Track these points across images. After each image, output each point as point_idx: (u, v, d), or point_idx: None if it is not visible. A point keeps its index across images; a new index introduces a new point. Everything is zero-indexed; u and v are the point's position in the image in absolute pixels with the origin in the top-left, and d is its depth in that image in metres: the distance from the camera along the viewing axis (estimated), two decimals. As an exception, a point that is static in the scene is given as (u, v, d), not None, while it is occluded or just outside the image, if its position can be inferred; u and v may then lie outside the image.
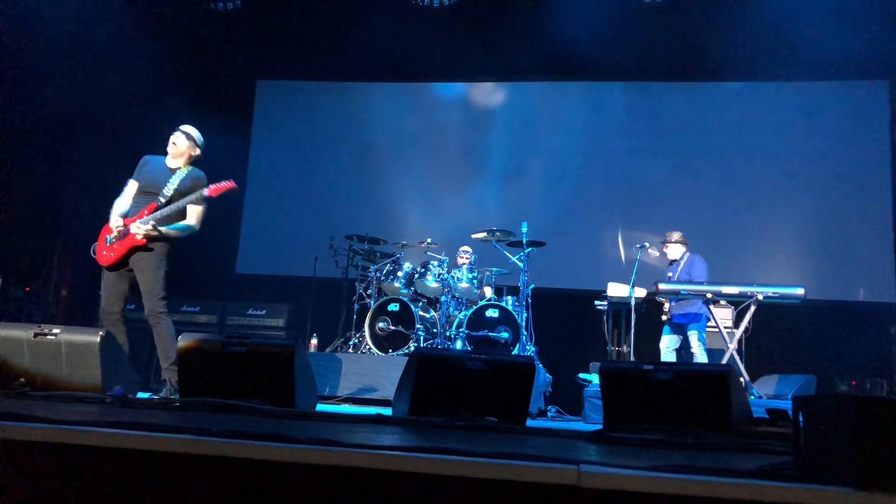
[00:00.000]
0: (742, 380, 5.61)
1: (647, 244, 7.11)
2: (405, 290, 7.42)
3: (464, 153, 9.66)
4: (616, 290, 6.93)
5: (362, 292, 7.75)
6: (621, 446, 2.63)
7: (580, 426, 4.92)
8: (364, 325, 7.19)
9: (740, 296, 6.07)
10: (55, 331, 3.89)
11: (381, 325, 7.12)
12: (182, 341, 3.83)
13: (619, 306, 7.16)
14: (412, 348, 6.80)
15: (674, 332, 7.04)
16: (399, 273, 7.46)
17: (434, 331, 7.22)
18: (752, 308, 6.05)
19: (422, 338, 7.04)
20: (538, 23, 8.65)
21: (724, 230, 8.71)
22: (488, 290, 7.74)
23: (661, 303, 6.99)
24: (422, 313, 7.21)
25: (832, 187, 8.64)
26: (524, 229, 7.09)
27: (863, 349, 7.56)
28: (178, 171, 4.86)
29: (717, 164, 9.01)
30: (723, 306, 7.02)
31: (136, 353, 4.91)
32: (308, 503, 1.85)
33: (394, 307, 7.15)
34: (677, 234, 7.23)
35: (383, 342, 7.07)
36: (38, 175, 8.28)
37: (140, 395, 4.39)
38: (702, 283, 6.47)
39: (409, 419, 3.37)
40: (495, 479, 1.74)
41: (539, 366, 6.50)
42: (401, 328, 7.04)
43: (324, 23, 9.03)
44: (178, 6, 8.84)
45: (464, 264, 7.52)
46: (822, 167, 8.73)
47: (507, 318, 7.00)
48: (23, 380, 3.81)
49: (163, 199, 4.75)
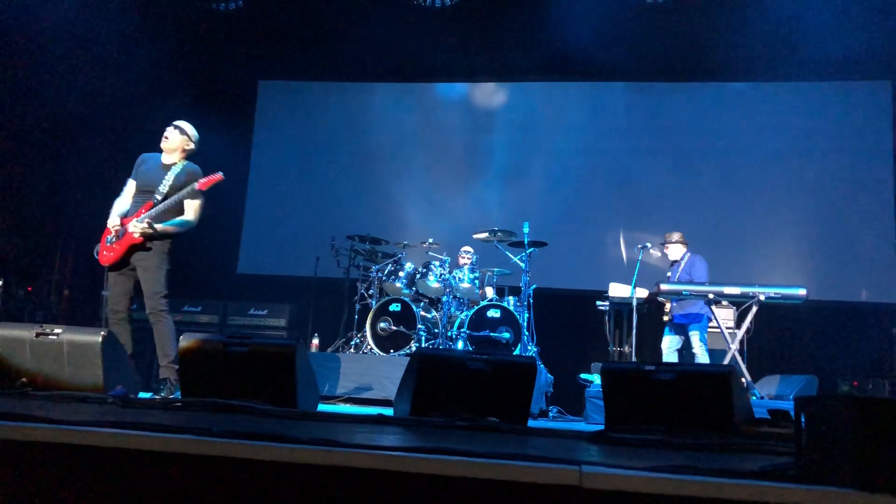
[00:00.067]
0: (744, 380, 5.61)
1: (648, 244, 7.12)
2: (407, 291, 7.42)
3: (465, 153, 9.66)
4: (618, 290, 6.93)
5: (364, 292, 7.75)
6: (623, 447, 2.63)
7: (582, 427, 4.92)
8: (365, 326, 7.19)
9: (742, 296, 6.06)
10: (57, 331, 3.90)
11: (382, 325, 7.12)
12: (183, 341, 3.83)
13: (621, 307, 7.16)
14: (413, 348, 6.79)
15: (675, 332, 7.03)
16: (400, 273, 7.46)
17: (435, 331, 7.22)
18: (754, 308, 6.04)
19: (423, 338, 7.04)
20: (539, 23, 8.65)
21: (725, 230, 8.70)
22: (490, 291, 7.74)
23: (662, 303, 6.99)
24: (423, 313, 7.21)
25: (834, 187, 8.63)
26: (526, 229, 7.08)
27: (865, 350, 7.56)
28: (173, 167, 4.87)
29: (719, 164, 9.00)
30: (725, 307, 7.00)
31: (138, 352, 4.92)
32: (309, 503, 1.85)
33: (395, 307, 7.15)
34: (677, 235, 7.23)
35: (385, 342, 7.07)
36: (40, 175, 8.30)
37: (142, 394, 4.39)
38: (703, 284, 6.47)
39: (411, 419, 3.37)
40: (497, 480, 1.74)
41: (540, 366, 6.50)
42: (402, 328, 7.04)
43: (325, 23, 9.04)
44: (179, 6, 8.85)
45: (465, 264, 7.53)
46: (824, 168, 8.72)
47: (508, 319, 7.00)
48: (24, 380, 3.81)
49: (159, 197, 4.76)
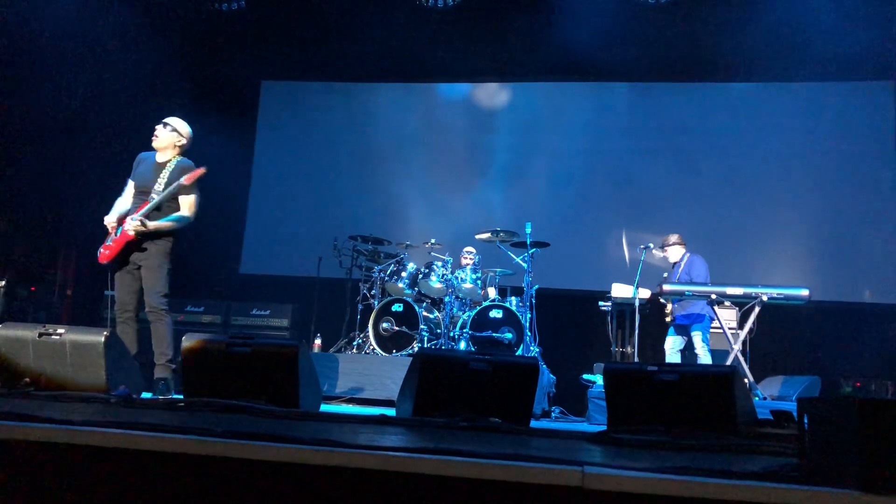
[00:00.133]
0: (746, 381, 5.60)
1: (651, 245, 7.12)
2: (409, 291, 7.42)
3: (468, 154, 9.66)
4: (620, 290, 6.93)
5: (366, 293, 7.76)
6: (625, 448, 2.62)
7: (584, 427, 4.92)
8: (368, 326, 7.19)
9: (745, 297, 6.05)
10: (60, 331, 3.90)
11: (384, 325, 7.12)
12: (186, 341, 3.83)
13: (624, 307, 7.15)
14: (416, 349, 6.79)
15: (678, 333, 7.03)
16: (403, 273, 7.46)
17: (438, 331, 7.21)
18: (757, 309, 6.03)
19: (425, 338, 7.04)
20: (541, 23, 8.65)
21: (728, 231, 8.69)
22: (492, 291, 7.73)
23: (663, 304, 6.99)
24: (425, 314, 7.21)
25: (837, 188, 8.62)
26: (528, 230, 7.09)
27: (868, 350, 7.54)
28: (167, 165, 4.87)
29: (722, 164, 8.99)
30: (727, 307, 7.00)
31: (139, 352, 4.91)
32: (311, 503, 1.86)
33: (397, 308, 7.15)
34: (674, 237, 7.23)
35: (387, 343, 7.07)
36: (42, 175, 8.30)
37: (144, 395, 4.39)
38: (703, 283, 6.46)
39: (413, 420, 3.37)
40: (499, 481, 1.74)
41: (543, 366, 6.50)
42: (404, 329, 7.04)
43: (328, 24, 9.04)
44: (181, 6, 8.86)
45: (468, 265, 7.52)
46: (827, 168, 8.71)
47: (510, 319, 6.99)
48: (27, 379, 3.82)
49: (155, 196, 4.77)
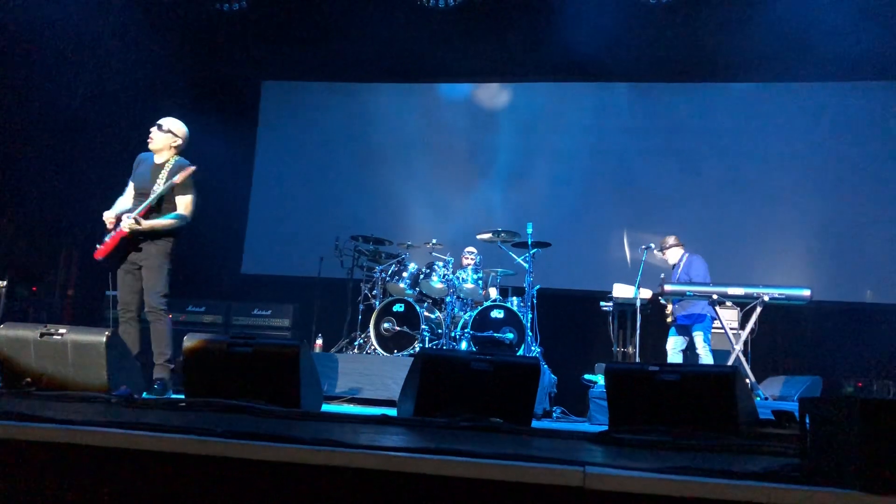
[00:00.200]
0: (748, 381, 5.59)
1: (652, 245, 7.12)
2: (410, 291, 7.42)
3: (469, 154, 9.66)
4: (621, 291, 6.92)
5: (367, 293, 7.76)
6: (627, 448, 2.62)
7: (585, 427, 4.92)
8: (369, 326, 7.19)
9: (746, 297, 6.05)
10: (61, 331, 3.90)
11: (386, 325, 7.12)
12: (187, 342, 3.83)
13: (625, 307, 7.15)
14: (417, 349, 6.79)
15: (680, 333, 7.03)
16: (404, 274, 7.46)
17: (439, 331, 7.21)
18: (759, 309, 6.02)
19: (427, 338, 7.04)
20: (543, 23, 8.64)
21: (730, 231, 8.69)
22: (493, 291, 7.73)
23: (663, 305, 6.99)
24: (427, 314, 7.21)
25: (839, 188, 8.61)
26: (529, 230, 7.08)
27: (869, 351, 7.53)
28: (165, 165, 4.88)
29: (723, 164, 8.98)
30: (729, 307, 7.00)
31: (141, 352, 4.92)
32: (313, 503, 1.86)
33: (399, 308, 7.15)
34: (672, 239, 7.23)
35: (388, 343, 7.07)
36: (44, 176, 8.31)
37: (146, 395, 4.40)
38: (703, 283, 6.47)
39: (414, 420, 3.37)
40: (500, 481, 1.73)
41: (544, 367, 6.49)
42: (406, 329, 7.04)
43: (329, 24, 9.04)
44: (182, 6, 8.85)
45: (469, 265, 7.52)
46: (829, 168, 8.70)
47: (512, 319, 6.99)
48: (29, 379, 3.82)
49: (155, 196, 4.78)
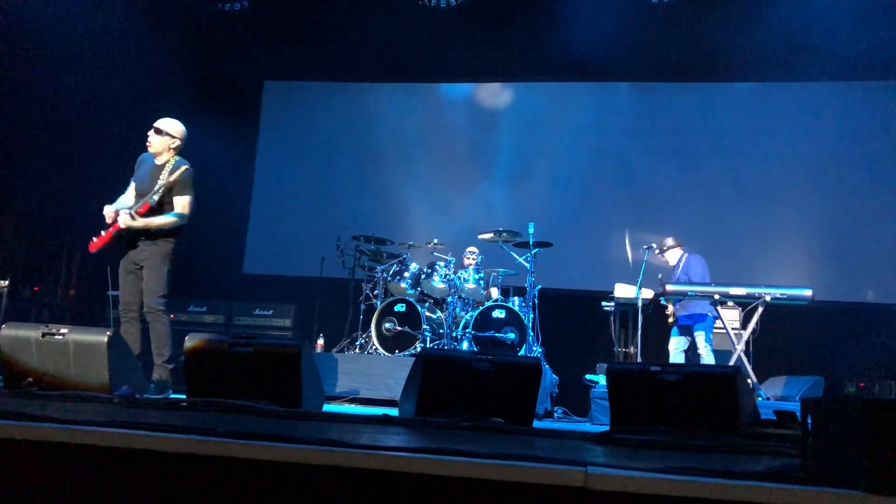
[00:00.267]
0: (749, 381, 5.59)
1: (654, 245, 7.12)
2: (411, 291, 7.42)
3: (470, 154, 9.66)
4: (623, 291, 6.92)
5: (369, 293, 7.75)
6: (628, 448, 2.62)
7: (587, 427, 4.91)
8: (370, 326, 7.19)
9: (748, 297, 6.04)
10: (63, 330, 3.91)
11: (387, 325, 7.12)
12: (189, 341, 3.83)
13: (626, 307, 7.14)
14: (418, 349, 6.79)
15: (681, 333, 7.03)
16: (405, 273, 7.46)
17: (440, 331, 7.21)
18: (760, 309, 6.02)
19: (428, 338, 7.04)
20: (544, 23, 8.65)
21: (731, 231, 8.68)
22: (495, 291, 7.73)
23: (664, 306, 6.98)
24: (428, 314, 7.20)
25: (841, 188, 8.60)
26: (531, 230, 7.08)
27: (871, 351, 7.52)
28: (165, 166, 4.89)
29: (725, 164, 8.98)
30: (730, 307, 6.99)
31: (143, 352, 4.92)
32: (314, 503, 1.85)
33: (400, 308, 7.15)
34: (670, 240, 7.23)
35: (390, 343, 7.07)
36: (46, 176, 8.32)
37: (147, 395, 4.40)
38: (702, 283, 6.47)
39: (416, 420, 3.37)
40: (502, 481, 1.73)
41: (546, 367, 6.49)
42: (407, 329, 7.03)
43: (331, 24, 9.05)
44: (184, 7, 8.87)
45: (470, 265, 7.52)
46: (831, 168, 8.69)
47: (513, 319, 6.99)
48: (30, 379, 3.83)
49: (156, 197, 4.79)
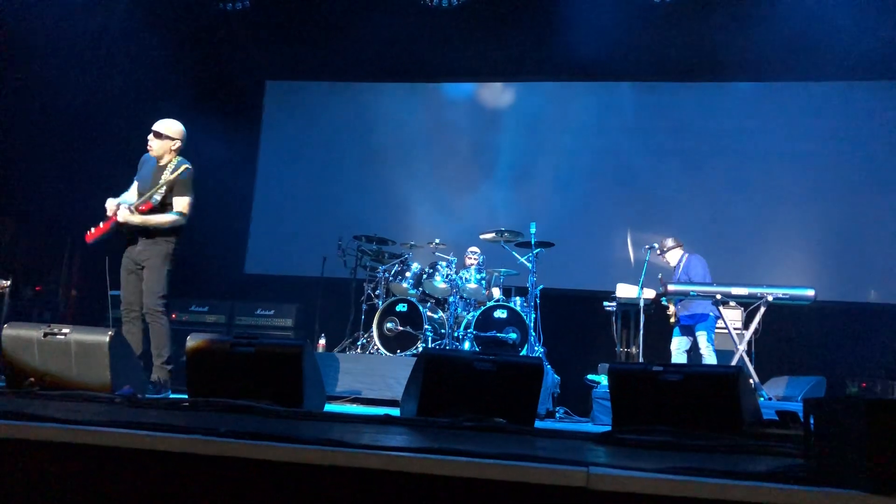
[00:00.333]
0: (752, 381, 5.58)
1: (655, 245, 7.12)
2: (413, 291, 7.42)
3: (472, 153, 9.66)
4: (625, 291, 6.91)
5: (370, 293, 7.75)
6: (630, 448, 2.62)
7: (589, 427, 4.91)
8: (372, 326, 7.19)
9: (750, 297, 6.04)
10: (65, 330, 3.90)
11: (389, 325, 7.12)
12: (191, 341, 3.83)
13: (628, 307, 7.13)
14: (420, 349, 6.79)
15: (683, 333, 7.03)
16: (407, 273, 7.46)
17: (442, 331, 7.21)
18: (762, 309, 6.01)
19: (430, 338, 7.04)
20: (546, 22, 8.64)
21: (734, 231, 8.68)
22: (496, 291, 7.73)
23: (665, 306, 6.97)
24: (430, 314, 7.20)
25: (843, 188, 8.59)
26: (533, 230, 7.08)
27: (873, 351, 7.51)
28: (167, 167, 4.91)
29: (727, 164, 8.97)
30: (732, 307, 6.99)
31: (145, 352, 4.92)
32: (315, 503, 1.85)
33: (402, 308, 7.15)
34: (670, 241, 7.23)
35: (391, 342, 7.07)
36: (47, 176, 8.32)
37: (149, 395, 4.40)
38: (703, 283, 6.46)
39: (417, 420, 3.37)
40: (503, 481, 1.73)
41: (547, 367, 6.49)
42: (409, 329, 7.03)
43: (332, 23, 9.05)
44: (186, 6, 8.87)
45: (472, 265, 7.52)
46: (833, 168, 8.68)
47: (515, 319, 6.99)
48: (32, 379, 3.83)
49: (157, 197, 4.81)
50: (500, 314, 7.04)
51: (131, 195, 5.01)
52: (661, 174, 9.07)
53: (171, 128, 4.98)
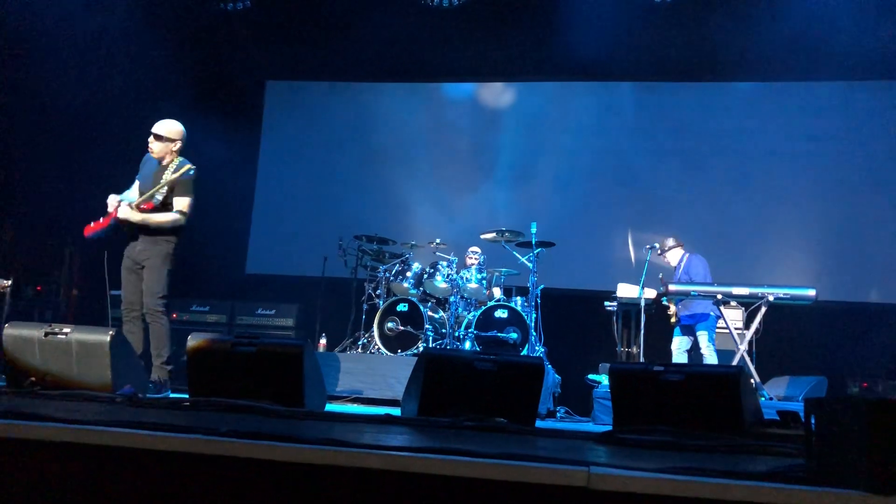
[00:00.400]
0: (752, 381, 5.58)
1: (656, 245, 7.11)
2: (414, 291, 7.42)
3: (473, 153, 9.65)
4: (626, 290, 6.91)
5: (371, 292, 7.75)
6: (631, 448, 2.62)
7: (589, 427, 4.91)
8: (373, 326, 7.19)
9: (751, 297, 6.03)
10: (66, 330, 3.91)
11: (389, 325, 7.12)
12: (192, 341, 3.83)
13: (629, 307, 7.13)
14: (421, 349, 6.79)
15: (684, 333, 7.02)
16: (408, 273, 7.46)
17: (443, 331, 7.21)
18: (763, 309, 6.01)
19: (430, 338, 7.04)
20: (547, 22, 8.63)
21: (734, 230, 8.67)
22: (497, 291, 7.73)
23: (666, 306, 6.97)
24: (431, 314, 7.20)
25: (844, 188, 8.58)
26: (533, 230, 7.07)
27: (874, 351, 7.50)
28: (168, 167, 4.92)
29: (728, 164, 8.96)
30: (733, 307, 6.98)
31: (146, 351, 4.93)
32: (316, 503, 1.85)
33: (403, 307, 7.15)
34: (671, 240, 7.23)
35: (392, 342, 7.07)
36: (48, 176, 8.33)
37: (149, 394, 4.40)
38: (704, 283, 6.45)
39: (418, 420, 3.37)
40: (504, 481, 1.73)
41: (548, 366, 6.49)
42: (410, 328, 7.03)
43: (333, 23, 9.05)
44: (186, 6, 8.87)
45: (473, 265, 7.52)
46: (834, 168, 8.68)
47: (516, 319, 6.98)
48: (33, 379, 3.83)
49: (159, 196, 4.81)
50: (500, 314, 7.04)
51: (133, 193, 5.02)
52: (662, 174, 9.07)
53: (171, 129, 4.98)
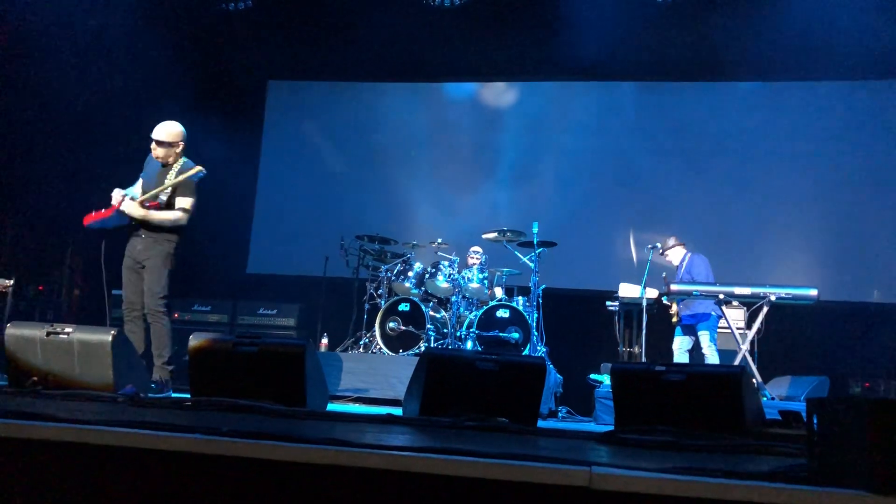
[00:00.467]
0: (754, 381, 5.58)
1: (658, 245, 7.11)
2: (416, 291, 7.42)
3: (475, 153, 9.65)
4: (628, 290, 6.91)
5: (373, 292, 7.75)
6: (633, 448, 2.61)
7: (591, 427, 4.91)
8: (374, 325, 7.19)
9: (753, 297, 6.03)
10: (67, 330, 3.91)
11: (391, 324, 7.12)
12: (193, 341, 3.83)
13: (631, 307, 7.13)
14: (422, 348, 6.79)
15: (686, 333, 7.01)
16: (410, 273, 7.46)
17: (444, 331, 7.21)
18: (765, 309, 6.00)
19: (432, 338, 7.04)
20: (549, 22, 8.63)
21: (736, 230, 8.66)
22: (499, 291, 7.73)
23: (667, 305, 6.97)
24: (432, 313, 7.20)
25: (846, 187, 8.57)
26: (535, 229, 7.07)
27: (877, 351, 7.50)
28: (172, 168, 4.94)
29: (730, 164, 8.95)
30: (735, 307, 6.98)
31: (147, 351, 4.93)
32: (318, 503, 1.85)
33: (404, 307, 7.15)
34: (672, 240, 7.22)
35: (394, 342, 7.07)
36: (49, 175, 8.33)
37: (151, 394, 4.40)
38: (707, 283, 6.45)
39: (420, 419, 3.37)
40: (506, 481, 1.73)
41: (550, 366, 6.48)
42: (411, 328, 7.03)
43: (334, 23, 9.05)
44: (188, 6, 8.87)
45: (474, 264, 7.52)
46: (836, 167, 8.66)
47: (517, 319, 6.98)
48: (35, 378, 3.83)
49: (163, 197, 4.82)
50: (502, 314, 7.04)
51: (136, 191, 5.03)
52: (663, 174, 9.06)
53: (172, 132, 4.98)
